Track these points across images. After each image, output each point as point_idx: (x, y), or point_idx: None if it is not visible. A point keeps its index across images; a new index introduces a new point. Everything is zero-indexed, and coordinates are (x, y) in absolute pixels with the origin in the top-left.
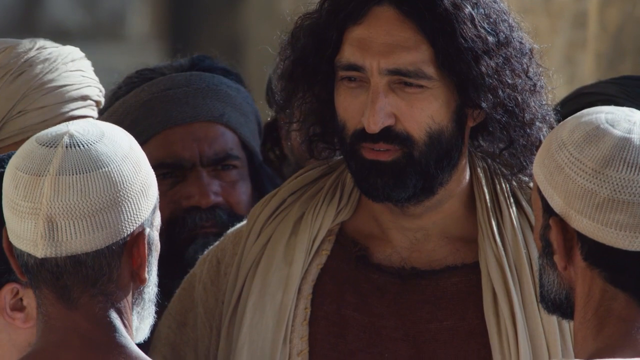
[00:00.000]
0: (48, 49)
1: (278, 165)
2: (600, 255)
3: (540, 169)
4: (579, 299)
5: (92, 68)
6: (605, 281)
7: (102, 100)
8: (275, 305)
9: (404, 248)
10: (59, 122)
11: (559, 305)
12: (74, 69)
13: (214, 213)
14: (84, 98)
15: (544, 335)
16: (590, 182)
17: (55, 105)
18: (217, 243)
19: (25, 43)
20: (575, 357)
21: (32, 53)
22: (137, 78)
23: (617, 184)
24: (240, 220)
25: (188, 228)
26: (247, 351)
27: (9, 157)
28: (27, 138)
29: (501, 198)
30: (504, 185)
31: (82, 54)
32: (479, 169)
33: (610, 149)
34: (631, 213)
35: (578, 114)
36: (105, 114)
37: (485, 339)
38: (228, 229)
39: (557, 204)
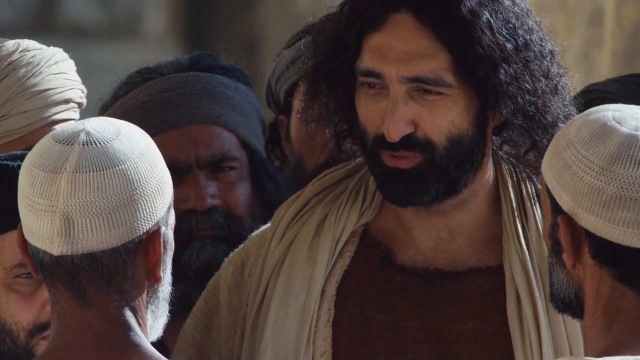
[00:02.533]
0: (31, 51)
1: (280, 165)
2: (608, 253)
3: (548, 168)
4: (588, 297)
5: (75, 68)
6: (614, 279)
7: (84, 101)
8: (298, 306)
9: (428, 248)
10: (42, 126)
11: (569, 303)
12: (57, 72)
13: (211, 216)
14: (67, 101)
15: (567, 339)
16: (598, 179)
17: (38, 109)
18: (242, 245)
19: (9, 45)
20: (586, 355)
21: (15, 56)
22: (137, 78)
23: (624, 181)
24: (238, 221)
25: (184, 231)
26: (271, 352)
27: (19, 155)
28: (11, 142)
29: (527, 200)
30: (529, 188)
31: (66, 55)
32: (505, 171)
33: (617, 146)
34: (638, 210)
35: (586, 112)
36: (105, 114)
37: (508, 342)
38: (225, 231)
39: (565, 202)
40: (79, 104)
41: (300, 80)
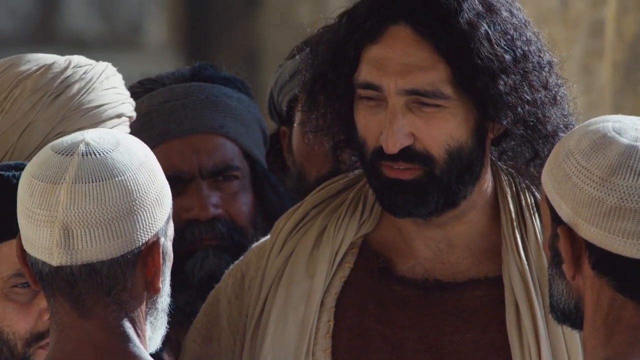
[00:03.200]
0: (83, 67)
1: (282, 176)
2: (608, 264)
3: (548, 178)
4: (587, 308)
5: (123, 82)
6: (614, 289)
7: (134, 115)
8: (297, 317)
9: (428, 260)
10: None
11: (568, 314)
12: (109, 87)
13: (214, 226)
14: (119, 116)
15: (566, 350)
16: (598, 190)
17: (92, 125)
18: (242, 257)
19: (60, 62)
20: None
21: (68, 72)
22: (139, 88)
23: (624, 192)
24: (241, 232)
25: (187, 241)
26: None
27: (13, 165)
28: None
29: (526, 211)
30: (529, 199)
31: (114, 70)
32: (504, 182)
33: (617, 157)
34: (638, 221)
35: (585, 122)
36: None
37: (508, 353)
38: (228, 241)
39: (565, 212)
40: (130, 118)
41: (298, 91)
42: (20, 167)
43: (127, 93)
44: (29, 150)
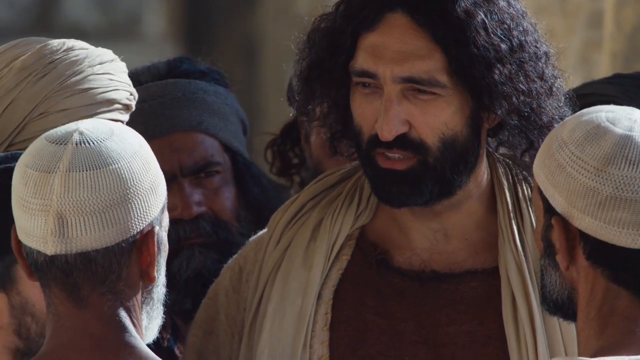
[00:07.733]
0: (75, 50)
1: (298, 165)
2: (602, 254)
3: (541, 169)
4: (581, 299)
5: (126, 70)
6: (608, 280)
7: (132, 104)
8: (294, 310)
9: (424, 250)
10: None
11: (561, 306)
12: (102, 72)
13: (198, 224)
14: (110, 102)
15: (562, 340)
16: (593, 180)
17: (78, 108)
18: (240, 251)
19: (54, 44)
20: (579, 356)
21: (58, 55)
22: None
23: (619, 182)
24: (225, 227)
25: (172, 241)
26: (267, 356)
27: (12, 156)
28: None
29: (522, 202)
30: (525, 190)
31: (113, 57)
32: (500, 173)
33: (612, 146)
34: (634, 210)
35: (577, 113)
36: None
37: (504, 344)
38: (213, 238)
39: (558, 203)
40: (126, 106)
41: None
42: (17, 157)
43: (126, 81)
44: (10, 128)
